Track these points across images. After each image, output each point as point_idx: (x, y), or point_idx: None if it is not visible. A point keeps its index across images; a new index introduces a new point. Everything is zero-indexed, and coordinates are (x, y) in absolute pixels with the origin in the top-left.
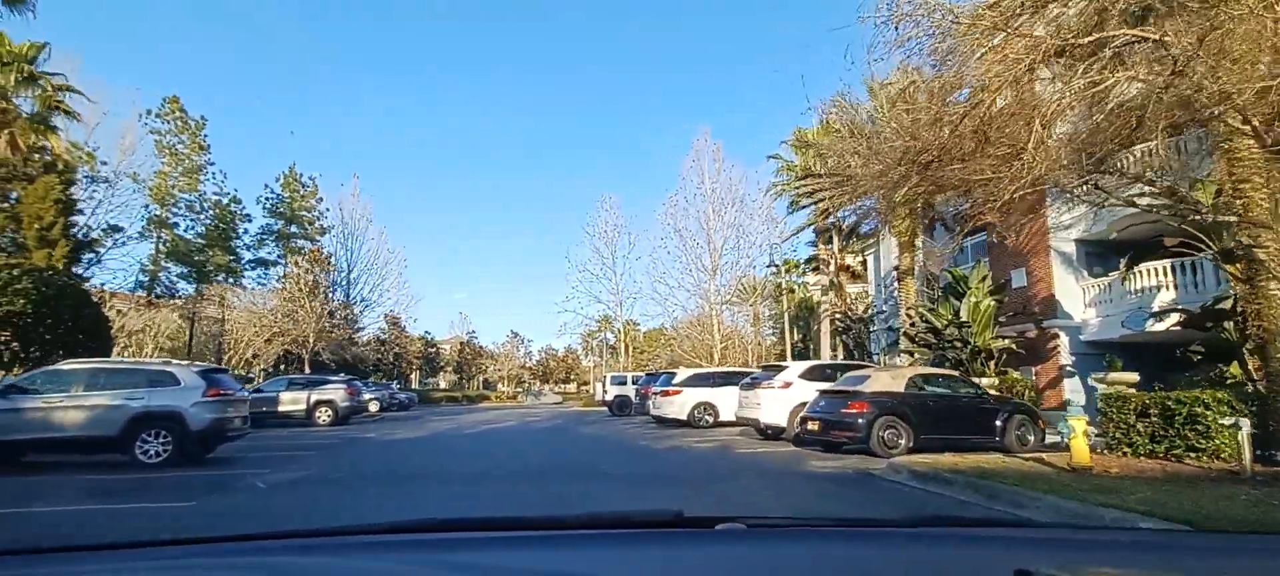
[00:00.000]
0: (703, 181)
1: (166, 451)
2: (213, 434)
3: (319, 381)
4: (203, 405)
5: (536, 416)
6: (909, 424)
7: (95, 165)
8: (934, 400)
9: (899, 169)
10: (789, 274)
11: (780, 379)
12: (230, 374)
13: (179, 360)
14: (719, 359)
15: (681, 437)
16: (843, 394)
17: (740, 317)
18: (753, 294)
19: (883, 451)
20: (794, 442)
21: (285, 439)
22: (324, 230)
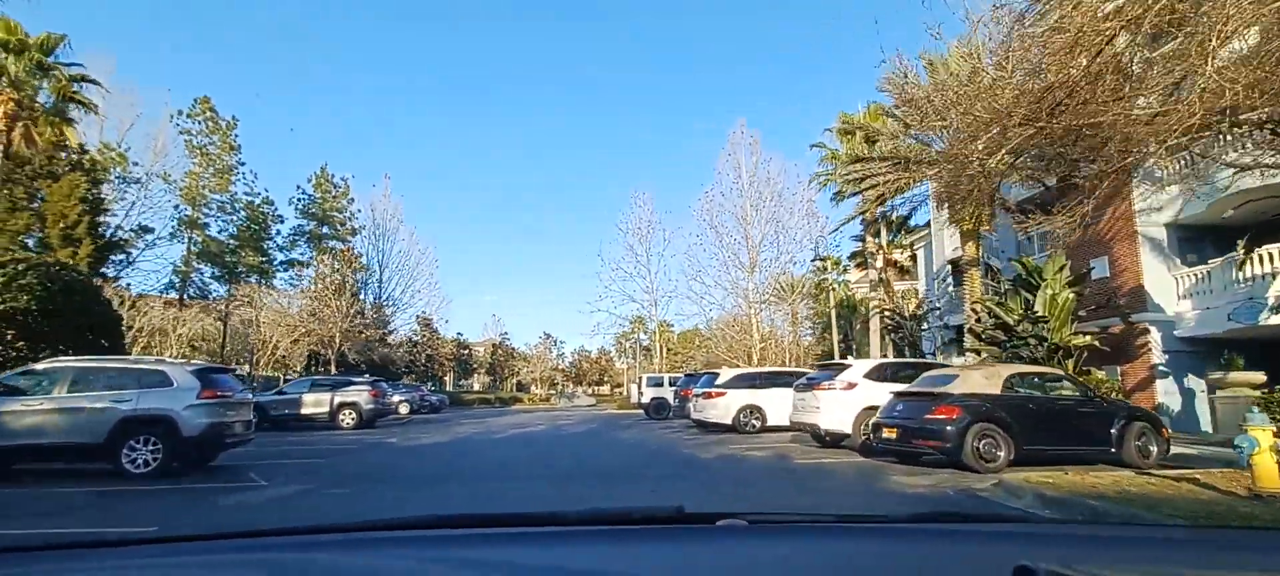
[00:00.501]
0: (739, 175)
1: (156, 460)
2: (209, 440)
3: (343, 383)
4: (197, 408)
5: (569, 419)
6: (1008, 432)
7: (127, 166)
8: (1035, 404)
9: (1015, 118)
10: (829, 272)
11: (843, 379)
12: (232, 374)
13: (200, 359)
14: (758, 360)
15: (729, 444)
16: (927, 396)
17: (778, 318)
18: (791, 292)
19: (978, 465)
20: (861, 452)
21: (300, 444)
22: (355, 231)
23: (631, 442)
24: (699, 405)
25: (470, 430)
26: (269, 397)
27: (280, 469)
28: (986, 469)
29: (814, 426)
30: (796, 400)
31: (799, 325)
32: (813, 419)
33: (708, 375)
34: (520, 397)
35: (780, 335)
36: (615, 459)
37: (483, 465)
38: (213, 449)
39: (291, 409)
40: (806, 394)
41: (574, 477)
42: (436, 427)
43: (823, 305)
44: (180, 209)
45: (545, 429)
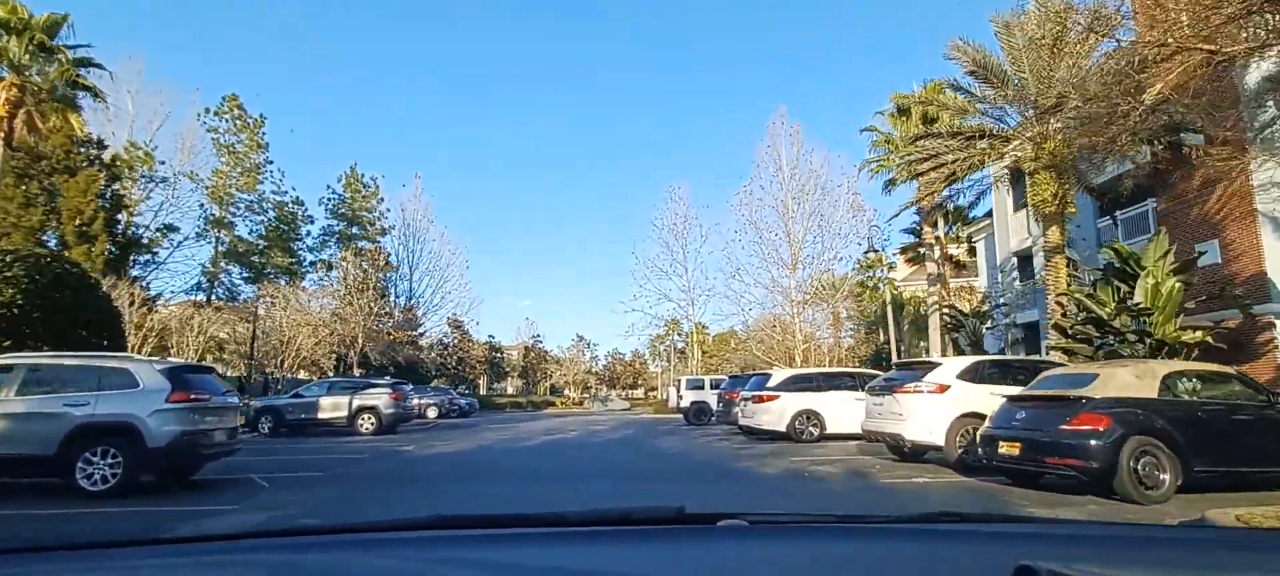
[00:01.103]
0: (779, 167)
1: (116, 476)
2: (181, 451)
3: (362, 385)
4: (166, 414)
5: (603, 425)
6: (1173, 448)
7: (153, 165)
8: (1207, 411)
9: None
10: (876, 269)
11: (932, 380)
12: (214, 374)
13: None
14: (801, 363)
15: (788, 455)
16: (1059, 402)
17: (819, 318)
18: (835, 290)
19: (1136, 492)
20: (957, 468)
21: (305, 453)
22: (385, 230)
23: (676, 454)
24: (748, 410)
25: (496, 437)
26: (285, 401)
27: (267, 485)
28: (1148, 498)
29: (895, 436)
30: (871, 405)
31: (841, 326)
32: (893, 427)
33: (758, 376)
34: (553, 401)
35: (819, 337)
36: (662, 477)
37: (502, 483)
38: (186, 461)
39: (308, 413)
40: (884, 398)
41: (613, 504)
42: (461, 434)
43: (869, 303)
44: (206, 208)
45: (577, 436)
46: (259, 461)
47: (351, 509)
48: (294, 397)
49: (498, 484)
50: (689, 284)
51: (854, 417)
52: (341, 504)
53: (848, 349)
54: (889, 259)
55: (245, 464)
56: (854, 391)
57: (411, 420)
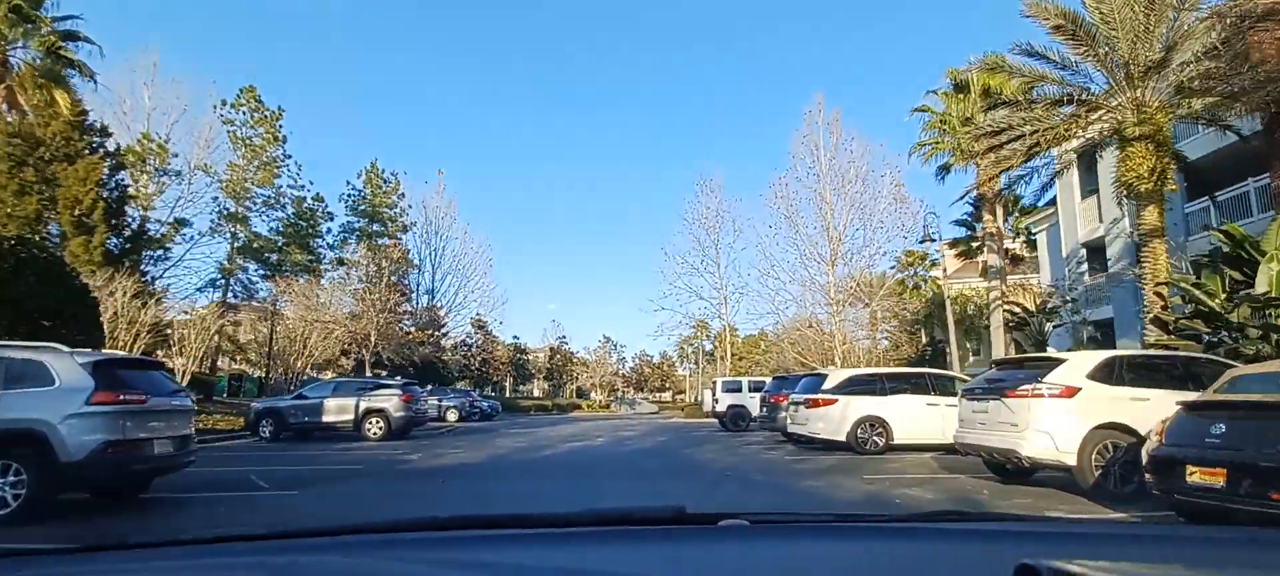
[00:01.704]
0: (817, 157)
1: (18, 499)
2: (105, 466)
3: (371, 386)
4: (85, 419)
5: (632, 430)
6: None
7: (166, 158)
8: None
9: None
10: (913, 267)
11: (1057, 380)
12: (162, 369)
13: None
14: (841, 364)
15: (857, 471)
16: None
17: (853, 320)
18: (871, 289)
19: None
20: (1096, 496)
21: (296, 462)
22: (406, 227)
23: (719, 468)
24: (799, 415)
25: (514, 444)
26: (287, 402)
27: (234, 505)
28: None
29: (1007, 451)
30: (968, 412)
31: (878, 327)
32: (1004, 440)
33: (810, 377)
34: (579, 404)
35: (853, 339)
36: (715, 503)
37: (512, 503)
38: (113, 478)
39: (311, 415)
40: (987, 403)
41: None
42: (477, 440)
43: (909, 301)
44: (220, 201)
45: (604, 443)
46: (231, 474)
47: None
48: (296, 399)
49: (507, 498)
50: (721, 281)
51: (925, 425)
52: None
53: (883, 352)
54: (932, 255)
55: (216, 477)
56: (924, 395)
57: (424, 423)
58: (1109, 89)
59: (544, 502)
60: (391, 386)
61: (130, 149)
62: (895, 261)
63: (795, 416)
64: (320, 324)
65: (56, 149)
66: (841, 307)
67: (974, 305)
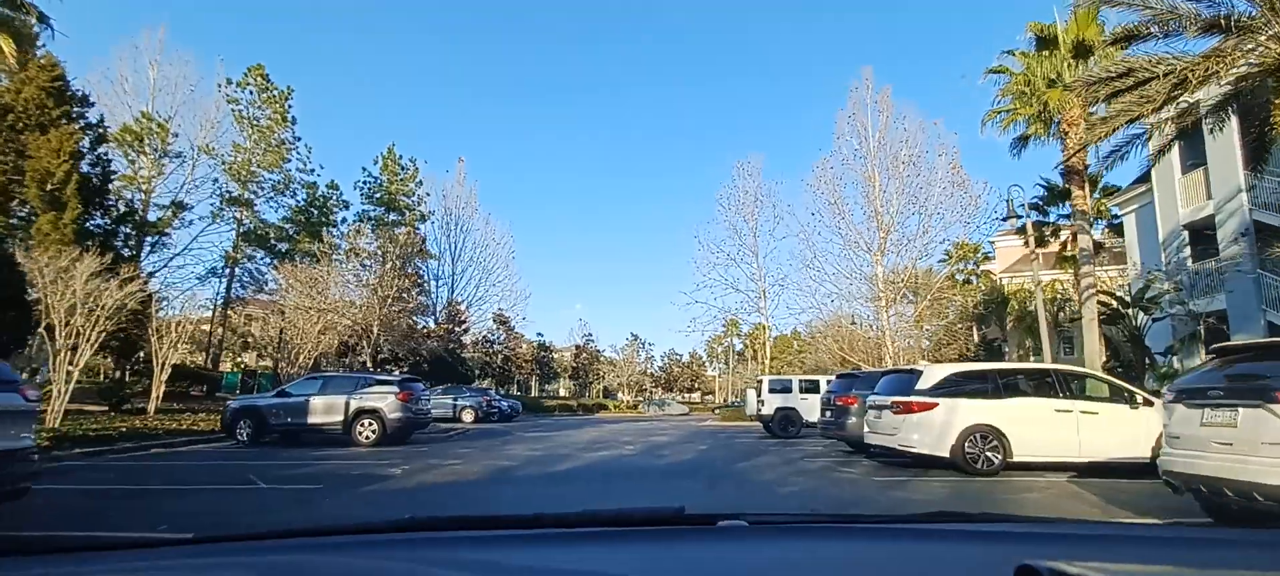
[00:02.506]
0: (865, 139)
1: None
2: None
3: (365, 382)
4: None
5: (664, 435)
6: None
7: (167, 137)
8: None
9: None
10: (964, 260)
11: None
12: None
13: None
14: (892, 362)
15: (984, 500)
16: None
17: (894, 316)
18: (920, 283)
19: None
20: None
21: (233, 480)
22: (424, 216)
23: (800, 498)
24: (882, 422)
25: (528, 452)
26: (267, 401)
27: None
28: None
29: (1252, 485)
30: (1193, 424)
31: (924, 323)
32: (1244, 469)
33: (895, 375)
34: (605, 404)
35: (890, 336)
36: None
37: None
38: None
39: (295, 416)
40: (1238, 411)
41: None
42: (485, 447)
43: (965, 295)
44: (221, 183)
45: (635, 453)
46: (135, 508)
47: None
48: (278, 397)
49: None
50: (760, 272)
51: (1054, 437)
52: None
53: (926, 353)
54: (985, 247)
55: (78, 504)
56: (1051, 397)
57: (427, 425)
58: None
59: None
60: (388, 382)
61: (127, 128)
62: (945, 254)
63: (876, 423)
64: (316, 311)
65: (29, 117)
66: (892, 302)
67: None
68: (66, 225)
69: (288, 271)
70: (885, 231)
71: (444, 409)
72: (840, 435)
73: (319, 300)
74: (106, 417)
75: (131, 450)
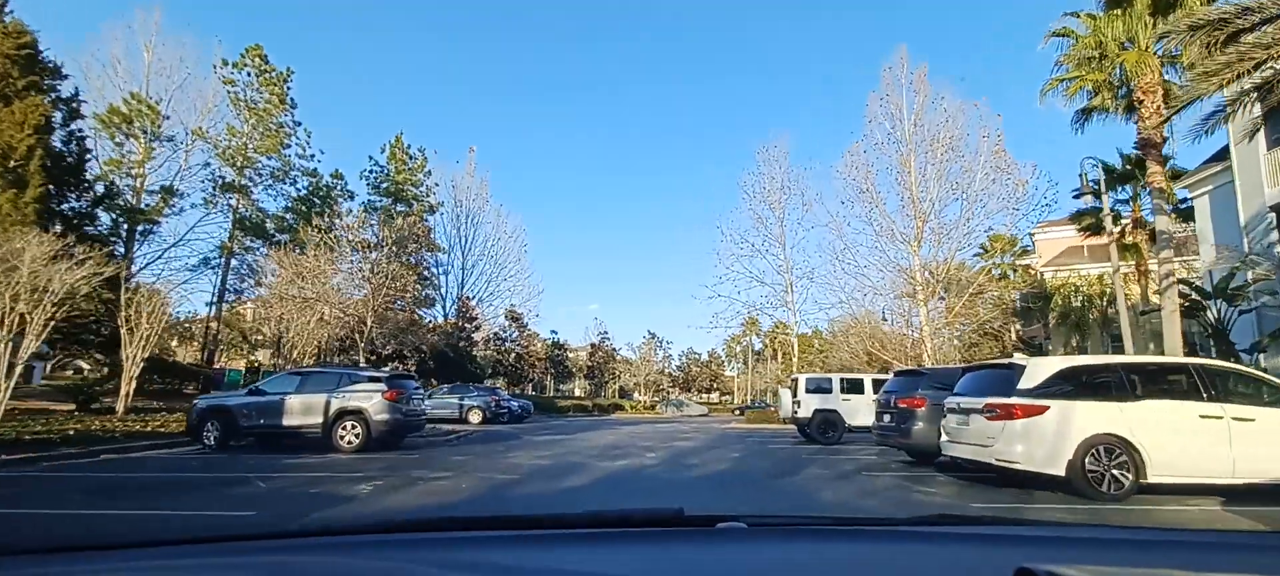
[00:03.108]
0: (899, 122)
1: None
2: None
3: (349, 377)
4: None
5: (688, 440)
6: None
7: (158, 120)
8: None
9: None
10: (1001, 254)
11: None
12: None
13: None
14: (931, 361)
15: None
16: None
17: (916, 314)
18: (956, 276)
19: None
20: None
21: (160, 497)
22: (433, 207)
23: None
24: (967, 430)
25: (534, 462)
26: (237, 400)
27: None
28: None
29: None
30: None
31: (956, 321)
32: None
33: (983, 372)
34: (622, 404)
35: (913, 336)
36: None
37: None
38: None
39: (269, 417)
40: None
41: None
42: (484, 455)
43: (1003, 289)
44: (213, 168)
45: (658, 463)
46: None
47: None
48: (251, 395)
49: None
50: (787, 264)
51: (1203, 451)
52: None
53: (957, 350)
54: (1024, 241)
55: None
56: (1194, 400)
57: (421, 427)
58: None
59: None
60: (374, 378)
61: (115, 109)
62: (981, 248)
63: (958, 431)
64: (303, 301)
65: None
66: (931, 295)
67: (1083, 294)
68: (27, 204)
69: (276, 257)
70: (922, 220)
71: (449, 409)
72: (902, 443)
73: (304, 288)
74: (70, 418)
75: (74, 457)
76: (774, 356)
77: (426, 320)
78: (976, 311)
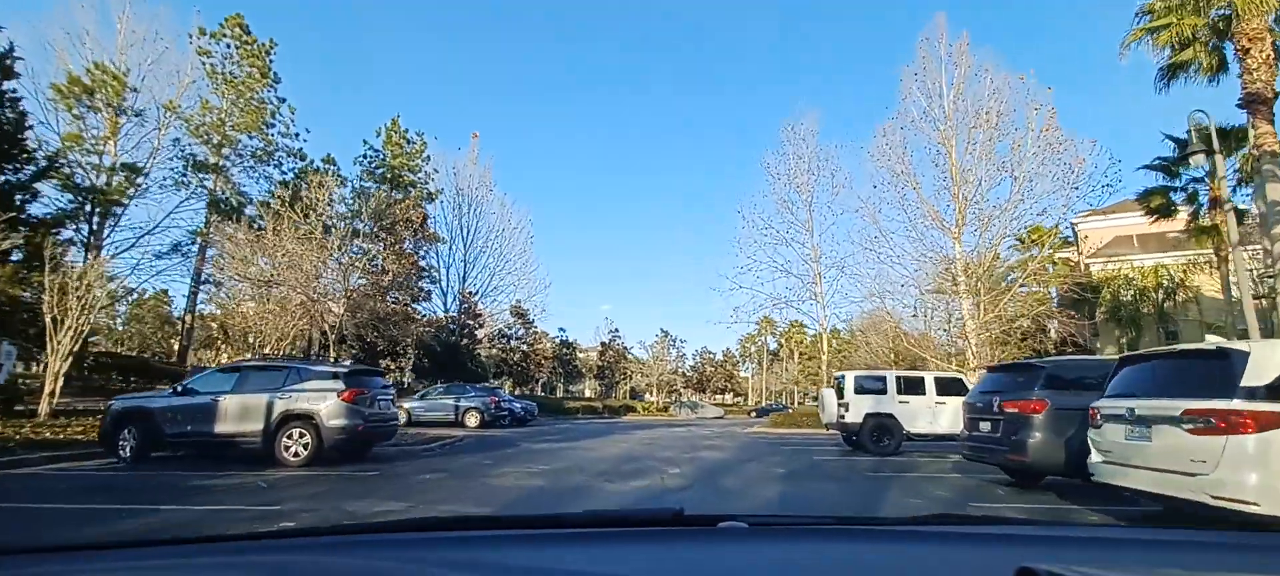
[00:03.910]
0: (937, 97)
1: None
2: None
3: (299, 374)
4: None
5: (713, 447)
6: None
7: (123, 90)
8: None
9: None
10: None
11: None
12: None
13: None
14: (975, 364)
15: None
16: None
17: (939, 312)
18: (988, 269)
19: None
20: None
21: None
22: (433, 195)
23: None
24: (1151, 449)
25: (525, 483)
26: (161, 402)
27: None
28: None
29: None
30: None
31: (985, 316)
32: None
33: (1163, 362)
34: (633, 406)
35: (940, 337)
36: None
37: None
38: None
39: (198, 423)
40: None
41: None
42: (465, 473)
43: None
44: (183, 144)
45: (684, 483)
46: None
47: None
48: (180, 394)
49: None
50: (815, 253)
51: None
52: None
53: (979, 346)
54: (1064, 231)
55: None
56: None
57: (390, 435)
58: None
59: None
60: (330, 374)
61: (75, 79)
62: (1017, 239)
63: (1128, 449)
64: (259, 283)
65: None
66: (977, 284)
67: (1135, 287)
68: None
69: (219, 231)
70: (964, 204)
71: (443, 412)
72: (1014, 461)
73: (260, 269)
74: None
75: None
76: (790, 356)
77: (423, 314)
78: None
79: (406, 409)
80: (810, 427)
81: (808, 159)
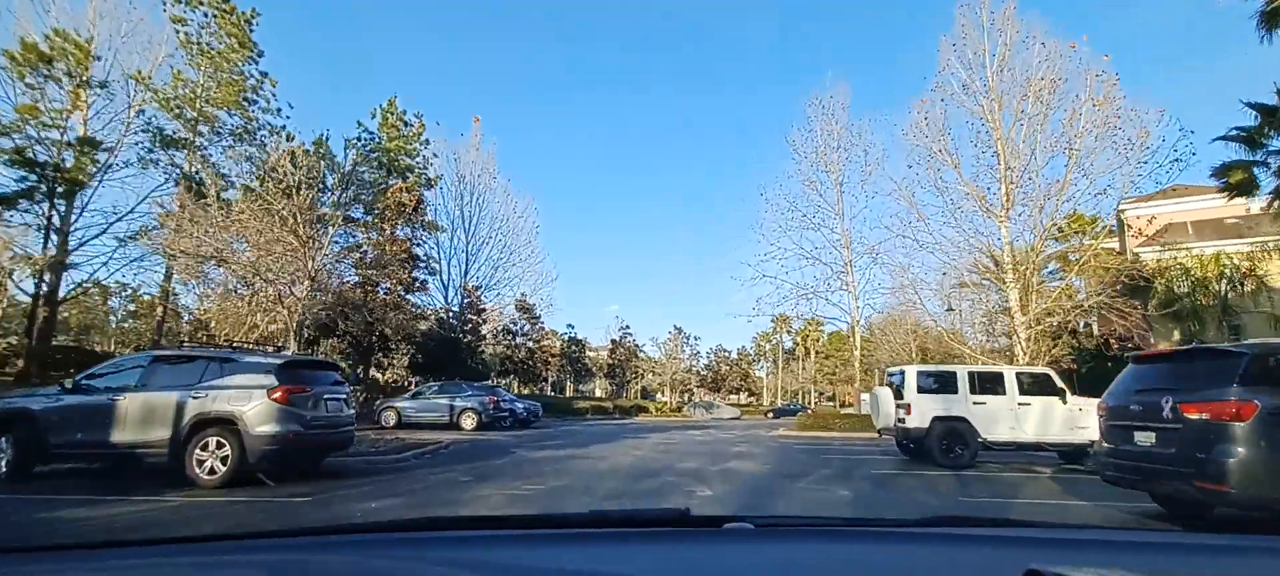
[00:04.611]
0: (979, 68)
1: None
2: None
3: (224, 366)
4: None
5: (742, 455)
6: None
7: (88, 60)
8: None
9: None
10: (1079, 234)
11: None
12: None
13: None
14: (1027, 359)
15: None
16: None
17: (966, 311)
18: (1027, 259)
19: None
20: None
21: None
22: (431, 181)
23: None
24: None
25: (506, 511)
26: (46, 403)
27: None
28: None
29: None
30: None
31: (1028, 310)
32: None
33: None
34: (645, 406)
35: (966, 333)
36: None
37: None
38: None
39: (92, 430)
40: None
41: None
42: (436, 489)
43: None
44: (148, 115)
45: (717, 503)
46: None
47: None
48: (71, 392)
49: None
50: (845, 238)
51: None
52: None
53: (1023, 341)
54: (1107, 220)
55: None
56: None
57: (344, 445)
58: None
59: None
60: (260, 366)
61: (31, 46)
62: (1058, 229)
63: None
64: (196, 259)
65: None
66: (1032, 270)
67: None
68: None
69: (184, 208)
70: (1009, 185)
71: (438, 413)
72: (1206, 489)
73: (200, 242)
74: None
75: None
76: (806, 355)
77: (418, 305)
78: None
79: (396, 409)
80: (841, 431)
81: (837, 135)
